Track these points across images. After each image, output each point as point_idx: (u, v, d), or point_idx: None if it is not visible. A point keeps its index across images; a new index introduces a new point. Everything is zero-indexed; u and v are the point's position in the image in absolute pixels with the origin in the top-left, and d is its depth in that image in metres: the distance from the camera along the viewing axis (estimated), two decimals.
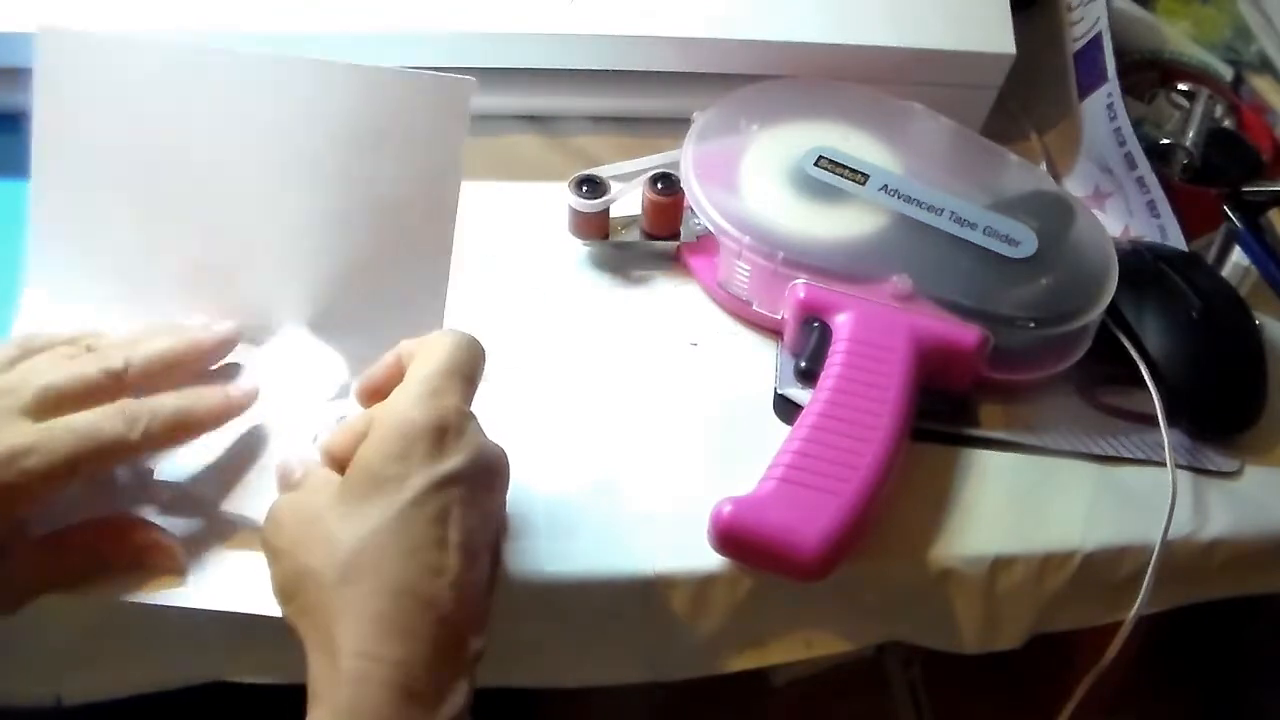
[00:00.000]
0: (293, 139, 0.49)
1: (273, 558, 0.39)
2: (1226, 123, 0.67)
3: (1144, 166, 0.60)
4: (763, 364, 0.55)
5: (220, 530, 0.44)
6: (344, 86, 0.48)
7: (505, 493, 0.42)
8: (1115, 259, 0.54)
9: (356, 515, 0.37)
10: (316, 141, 0.48)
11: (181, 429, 0.42)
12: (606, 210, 0.57)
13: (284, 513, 0.40)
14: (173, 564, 0.42)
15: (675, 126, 0.58)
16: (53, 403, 0.40)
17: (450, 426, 0.39)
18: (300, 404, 0.47)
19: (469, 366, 0.41)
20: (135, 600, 0.42)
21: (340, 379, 0.48)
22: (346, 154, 0.49)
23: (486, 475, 0.40)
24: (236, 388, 0.44)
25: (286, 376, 0.48)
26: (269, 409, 0.46)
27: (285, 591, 0.38)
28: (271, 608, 0.39)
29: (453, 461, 0.38)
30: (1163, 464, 0.52)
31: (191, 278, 0.49)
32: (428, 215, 0.49)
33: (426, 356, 0.41)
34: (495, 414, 0.42)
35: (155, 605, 0.42)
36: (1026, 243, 0.54)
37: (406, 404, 0.39)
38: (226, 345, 0.47)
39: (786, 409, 0.52)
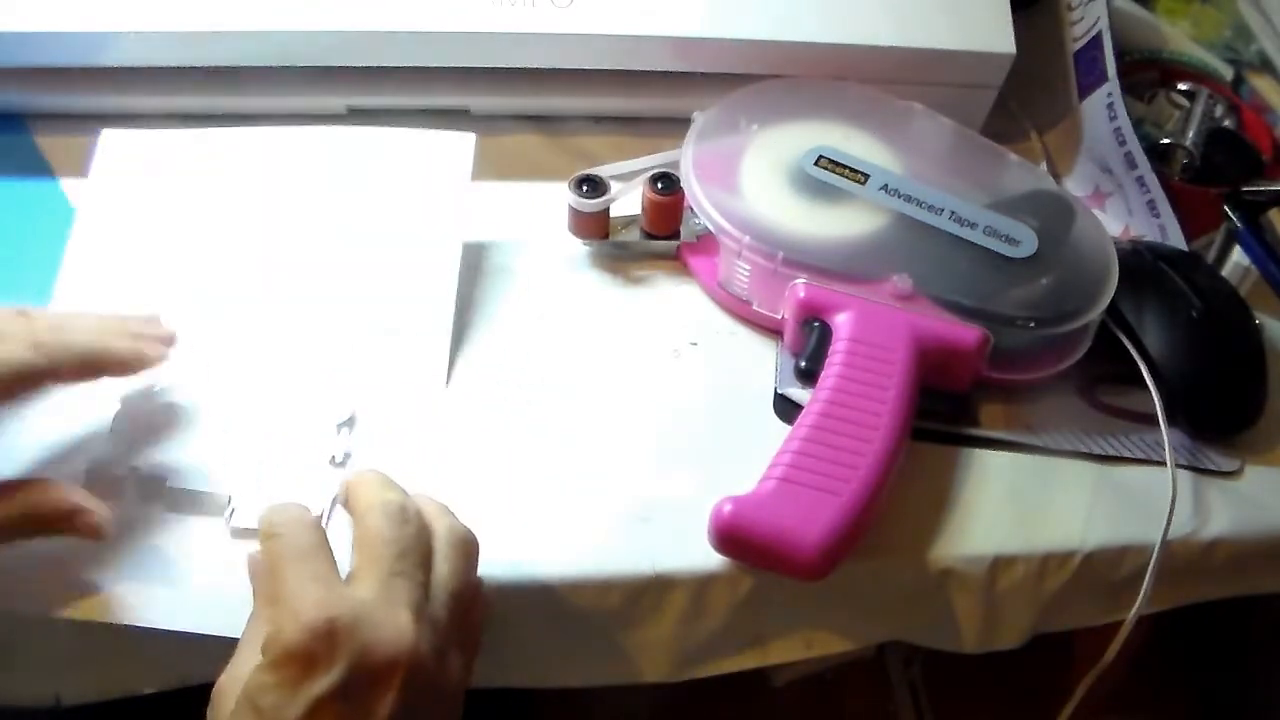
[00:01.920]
0: (304, 200, 0.53)
1: None
2: (1226, 123, 0.66)
3: (1144, 166, 0.60)
4: (763, 364, 0.55)
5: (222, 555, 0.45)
6: (352, 149, 0.54)
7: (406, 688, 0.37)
8: (1115, 259, 0.54)
9: None
10: (327, 201, 0.53)
11: (90, 369, 0.44)
12: (606, 210, 0.57)
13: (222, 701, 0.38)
14: (97, 531, 0.42)
15: (675, 126, 0.58)
16: None
17: (321, 639, 0.35)
18: (303, 436, 0.48)
19: (396, 547, 0.39)
20: (137, 624, 0.43)
21: (343, 413, 0.49)
22: (355, 210, 0.53)
23: (369, 676, 0.36)
24: (151, 343, 0.46)
25: (292, 410, 0.49)
26: (274, 441, 0.48)
27: None
28: None
29: (321, 683, 0.35)
30: (1163, 464, 0.52)
31: (206, 311, 0.51)
32: (432, 267, 0.53)
33: (358, 525, 0.40)
34: (495, 414, 0.42)
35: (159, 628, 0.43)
36: (1026, 242, 0.54)
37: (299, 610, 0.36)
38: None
39: (786, 409, 0.52)
